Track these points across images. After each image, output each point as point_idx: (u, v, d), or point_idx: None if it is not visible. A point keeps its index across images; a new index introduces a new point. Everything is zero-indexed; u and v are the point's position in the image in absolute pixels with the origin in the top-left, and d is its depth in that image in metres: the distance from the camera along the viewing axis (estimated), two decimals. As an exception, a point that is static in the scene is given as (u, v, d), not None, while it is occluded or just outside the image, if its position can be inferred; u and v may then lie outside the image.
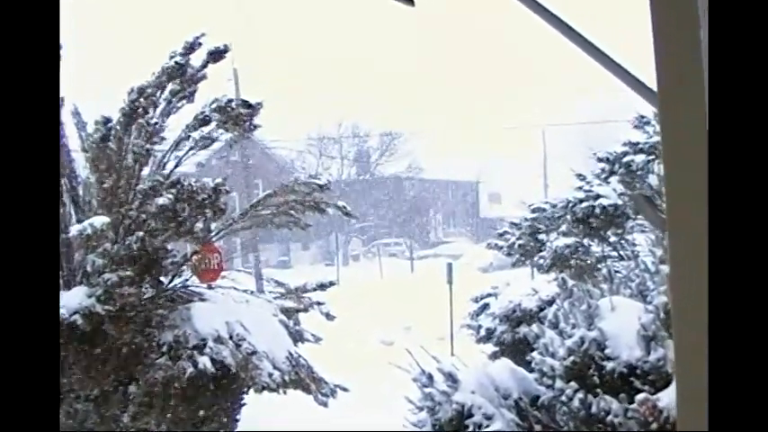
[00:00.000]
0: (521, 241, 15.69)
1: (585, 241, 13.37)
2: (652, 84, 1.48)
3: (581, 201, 12.82)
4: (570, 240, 13.48)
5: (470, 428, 5.77)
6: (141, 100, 8.79)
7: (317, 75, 59.98)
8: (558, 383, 5.83)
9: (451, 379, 6.09)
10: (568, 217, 13.20)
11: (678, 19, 1.21)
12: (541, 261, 14.26)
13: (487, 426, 5.74)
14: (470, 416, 5.82)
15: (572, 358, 5.83)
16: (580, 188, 13.38)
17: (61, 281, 8.70)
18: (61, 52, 9.14)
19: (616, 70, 1.84)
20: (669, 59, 1.24)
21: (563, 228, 13.74)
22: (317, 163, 52.08)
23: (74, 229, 8.06)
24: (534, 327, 6.64)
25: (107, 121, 8.83)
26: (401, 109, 62.66)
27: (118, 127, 8.79)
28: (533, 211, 15.86)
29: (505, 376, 6.26)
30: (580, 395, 5.65)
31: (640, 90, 1.69)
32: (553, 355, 6.05)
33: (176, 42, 8.97)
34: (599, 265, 12.16)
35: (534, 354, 6.39)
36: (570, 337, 5.95)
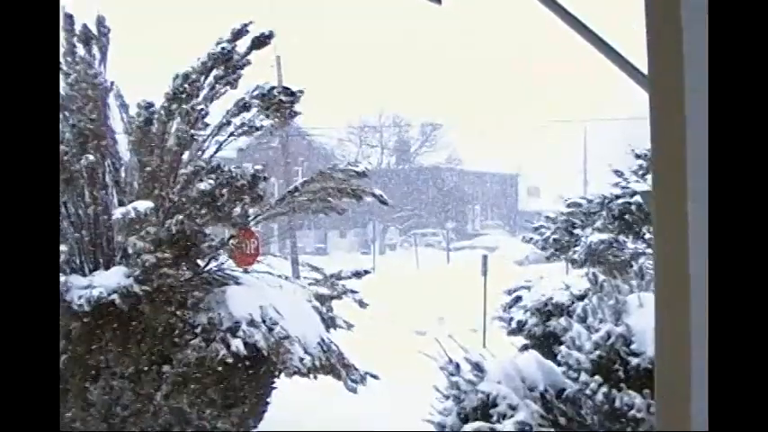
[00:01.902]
0: (556, 236, 15.67)
1: (620, 237, 13.34)
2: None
3: (617, 197, 12.80)
4: (605, 236, 13.46)
5: (494, 418, 5.85)
6: (186, 86, 8.94)
7: (359, 63, 60.07)
8: (583, 377, 5.89)
9: (478, 368, 6.17)
10: (604, 213, 13.19)
11: (666, 27, 1.26)
12: (576, 256, 14.24)
13: (512, 416, 5.81)
14: (495, 405, 5.89)
15: (598, 352, 5.88)
16: (617, 184, 13.35)
17: (101, 261, 8.91)
18: (109, 36, 9.36)
19: (626, 67, 1.89)
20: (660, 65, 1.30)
21: (598, 223, 13.72)
22: (357, 151, 52.18)
23: (117, 212, 8.26)
24: (562, 320, 6.69)
25: (149, 105, 8.99)
26: (442, 100, 62.60)
27: (162, 111, 8.96)
28: (569, 206, 15.81)
29: (532, 368, 6.31)
30: (604, 389, 5.71)
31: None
32: (580, 349, 6.10)
33: (220, 30, 9.12)
34: (632, 262, 12.14)
35: (562, 347, 6.45)
36: (597, 331, 6.01)
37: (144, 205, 8.14)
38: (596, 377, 5.79)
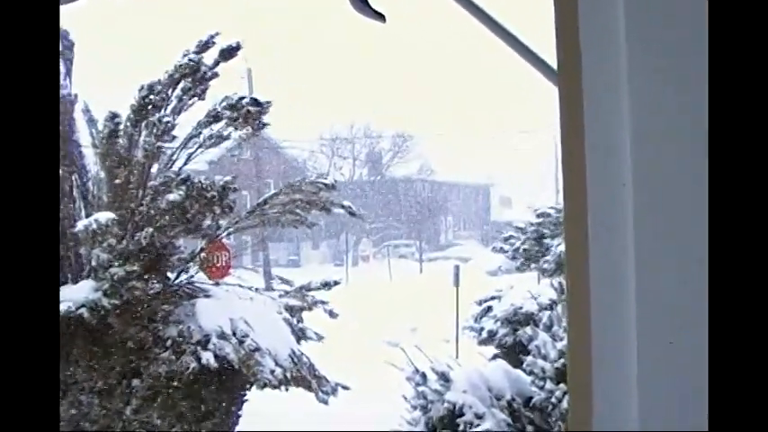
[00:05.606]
0: (525, 246, 15.75)
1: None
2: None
3: (586, 206, 12.88)
4: (575, 245, 13.56)
5: (461, 427, 5.89)
6: (151, 97, 8.94)
7: (330, 75, 60.18)
8: (549, 385, 5.95)
9: (444, 378, 6.21)
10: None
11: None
12: (546, 266, 14.33)
13: (478, 425, 5.86)
14: (461, 415, 5.94)
15: (562, 360, 5.94)
16: (586, 193, 13.44)
17: (68, 275, 8.86)
18: (74, 50, 9.34)
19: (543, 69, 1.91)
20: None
21: (568, 233, 13.80)
22: (328, 163, 52.14)
23: (80, 224, 8.24)
24: (528, 329, 6.76)
25: (114, 116, 8.97)
26: (414, 110, 62.79)
27: (128, 123, 8.95)
28: (539, 215, 15.91)
29: (499, 377, 6.37)
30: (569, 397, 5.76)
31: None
32: (545, 358, 6.16)
33: (191, 41, 9.12)
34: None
35: (528, 356, 6.51)
36: (562, 340, 6.07)
37: (105, 216, 8.12)
38: (561, 385, 5.85)
